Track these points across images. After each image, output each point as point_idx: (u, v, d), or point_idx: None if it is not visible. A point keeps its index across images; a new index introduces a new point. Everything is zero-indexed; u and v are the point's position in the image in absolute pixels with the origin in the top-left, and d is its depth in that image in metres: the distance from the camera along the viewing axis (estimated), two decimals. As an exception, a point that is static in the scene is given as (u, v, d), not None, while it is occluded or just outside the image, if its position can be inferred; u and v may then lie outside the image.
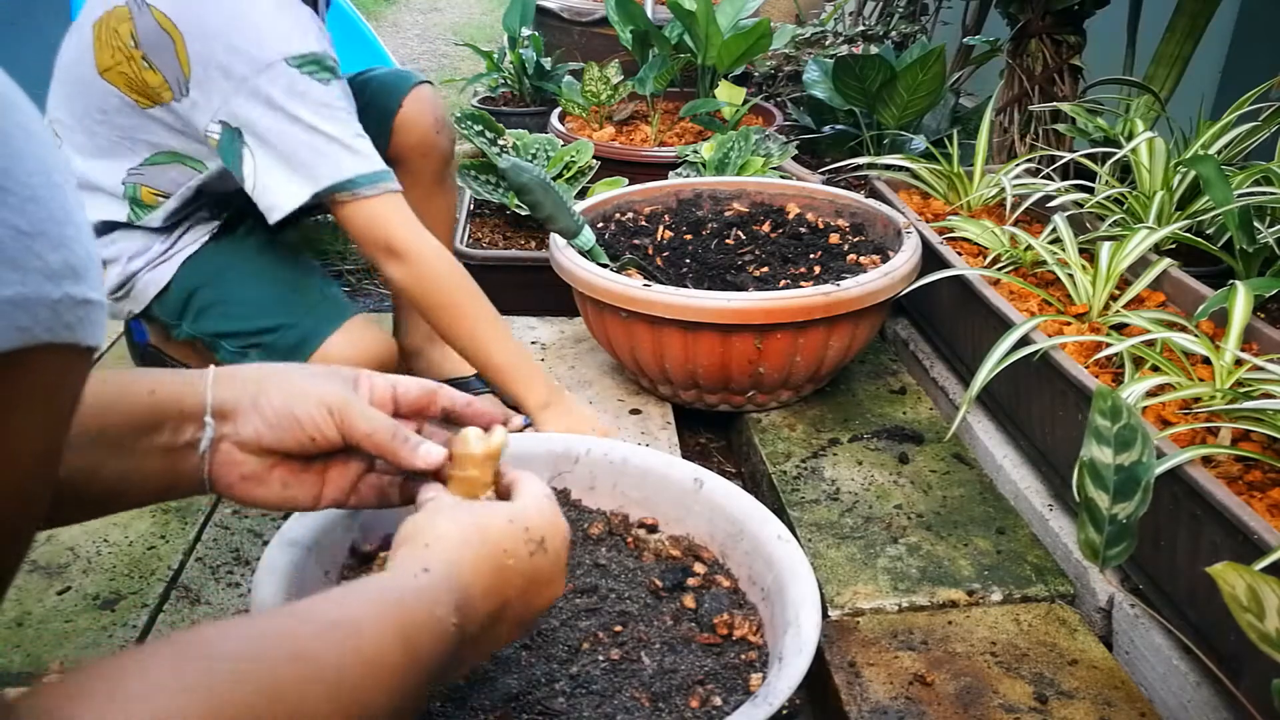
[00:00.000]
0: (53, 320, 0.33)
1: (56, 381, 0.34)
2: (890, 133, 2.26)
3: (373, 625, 0.50)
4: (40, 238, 0.32)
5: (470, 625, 0.58)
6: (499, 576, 0.61)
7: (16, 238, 0.31)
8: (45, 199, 0.33)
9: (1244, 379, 1.13)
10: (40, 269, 0.32)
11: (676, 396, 1.57)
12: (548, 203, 1.51)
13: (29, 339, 0.32)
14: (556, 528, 0.67)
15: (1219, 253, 1.47)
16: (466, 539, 0.61)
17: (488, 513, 0.65)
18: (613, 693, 0.86)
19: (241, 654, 0.42)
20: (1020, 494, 1.34)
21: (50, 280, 0.32)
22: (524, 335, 1.81)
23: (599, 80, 2.52)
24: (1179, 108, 1.95)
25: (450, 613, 0.55)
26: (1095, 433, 0.90)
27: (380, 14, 5.44)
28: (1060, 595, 1.18)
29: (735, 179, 1.90)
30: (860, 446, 1.48)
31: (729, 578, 1.04)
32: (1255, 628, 0.74)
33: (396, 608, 0.53)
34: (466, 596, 0.58)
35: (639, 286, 1.43)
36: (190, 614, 1.15)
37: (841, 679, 1.05)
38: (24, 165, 0.32)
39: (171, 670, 0.39)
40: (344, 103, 1.23)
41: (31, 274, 0.32)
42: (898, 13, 2.87)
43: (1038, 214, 1.76)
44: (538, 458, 1.16)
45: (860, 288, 1.43)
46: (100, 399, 0.64)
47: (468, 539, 0.61)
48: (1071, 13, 1.92)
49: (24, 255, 0.32)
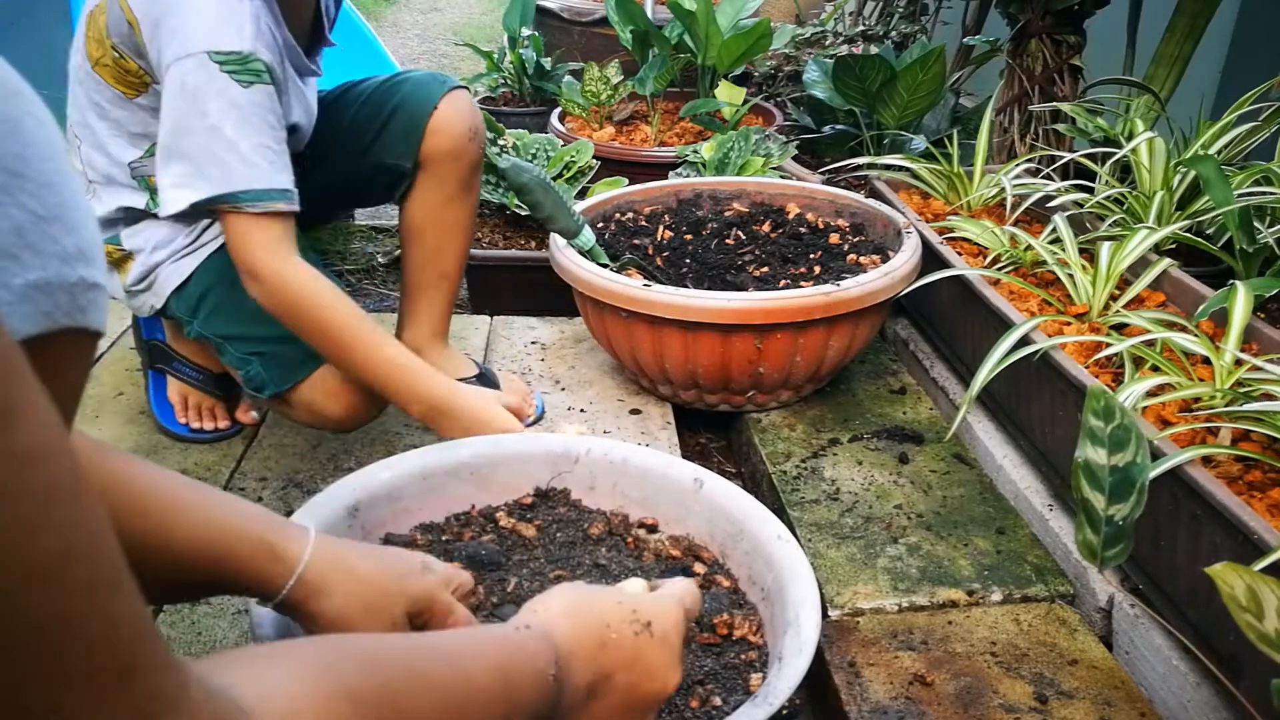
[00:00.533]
0: (70, 304, 0.33)
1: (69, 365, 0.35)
2: (890, 133, 2.26)
3: (475, 658, 0.53)
4: (56, 222, 0.33)
5: (569, 685, 0.59)
6: (599, 648, 0.62)
7: (35, 223, 0.32)
8: (58, 185, 0.33)
9: (1244, 379, 1.13)
10: (58, 253, 0.33)
11: (676, 396, 1.57)
12: (548, 203, 1.51)
13: (51, 324, 0.33)
14: (668, 616, 0.67)
15: (1219, 253, 1.47)
16: (570, 610, 0.64)
17: (599, 591, 0.67)
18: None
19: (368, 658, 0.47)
20: (1020, 494, 1.34)
21: (66, 264, 0.33)
22: (524, 335, 1.81)
23: (599, 80, 2.52)
24: (1179, 108, 1.95)
25: (549, 665, 0.58)
26: (1089, 433, 0.90)
27: (380, 14, 5.44)
28: (1060, 595, 1.18)
29: (735, 179, 1.90)
30: (860, 446, 1.48)
31: (729, 578, 1.04)
32: (1255, 628, 0.74)
33: (498, 646, 0.57)
34: (564, 656, 0.60)
35: (639, 286, 1.43)
36: (190, 612, 1.15)
37: (841, 679, 1.05)
38: (37, 152, 0.32)
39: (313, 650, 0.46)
40: (259, 111, 1.17)
41: (51, 259, 0.32)
42: (898, 13, 2.87)
43: (1038, 214, 1.76)
44: (536, 458, 1.16)
45: (860, 288, 1.43)
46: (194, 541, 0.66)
47: (572, 610, 0.64)
48: (1071, 13, 1.92)
49: (43, 240, 0.32)
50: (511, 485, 1.15)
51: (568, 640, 0.61)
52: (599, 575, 1.02)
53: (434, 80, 1.45)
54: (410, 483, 1.10)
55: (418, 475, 1.11)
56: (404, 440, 1.48)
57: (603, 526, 1.10)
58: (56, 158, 0.33)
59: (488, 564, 1.03)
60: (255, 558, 0.68)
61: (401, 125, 1.42)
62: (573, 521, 1.12)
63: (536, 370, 1.69)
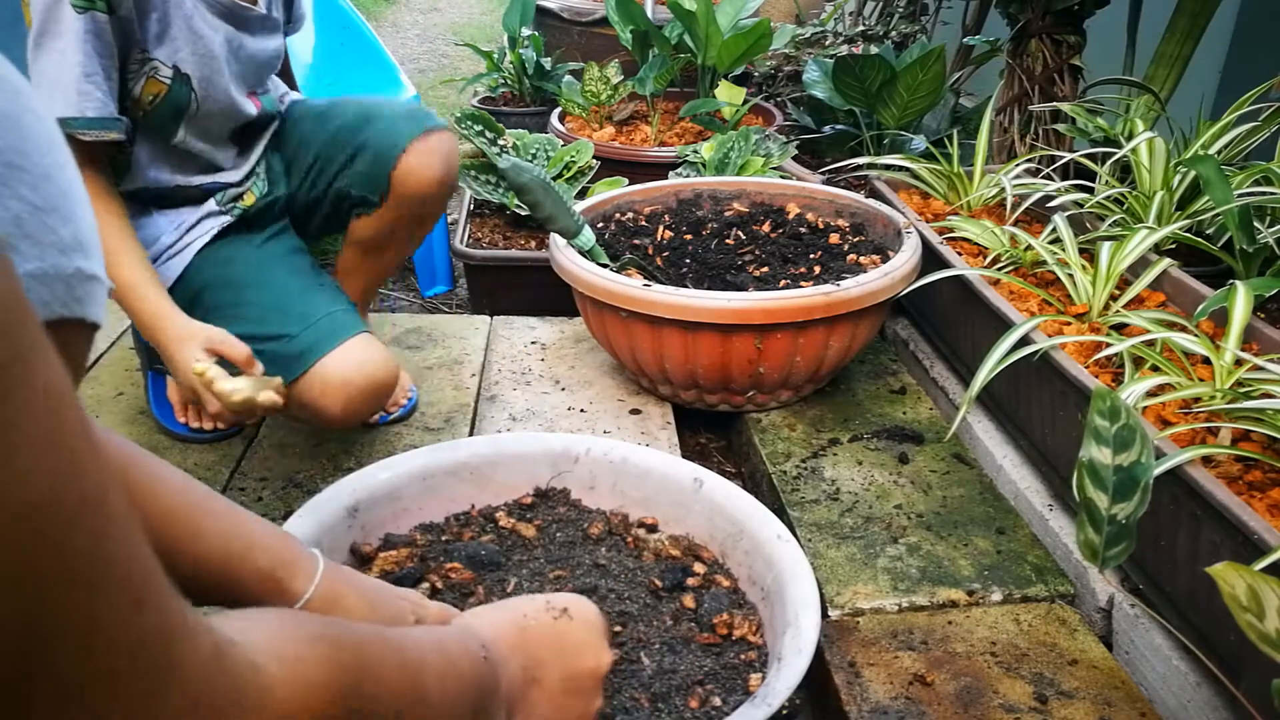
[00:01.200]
0: (67, 295, 0.34)
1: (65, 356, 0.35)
2: (890, 133, 2.26)
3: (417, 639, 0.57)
4: (54, 213, 0.33)
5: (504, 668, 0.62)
6: (520, 634, 0.66)
7: (34, 214, 0.32)
8: (55, 177, 0.34)
9: (1244, 379, 1.13)
10: (55, 243, 0.33)
11: (676, 396, 1.57)
12: (548, 203, 1.51)
13: (49, 314, 0.33)
14: (582, 602, 0.72)
15: (1219, 253, 1.47)
16: (487, 609, 0.70)
17: (518, 598, 0.73)
18: (612, 693, 0.86)
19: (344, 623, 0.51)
20: (1020, 494, 1.34)
21: (64, 254, 0.33)
22: (524, 335, 1.81)
23: (599, 80, 2.52)
24: (1179, 108, 1.95)
25: (479, 648, 0.61)
26: (1094, 433, 0.90)
27: (380, 14, 5.44)
28: (1060, 595, 1.18)
29: (735, 179, 1.90)
30: (860, 446, 1.47)
31: (729, 578, 1.04)
32: (1255, 628, 0.74)
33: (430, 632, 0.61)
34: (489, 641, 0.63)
35: (639, 286, 1.43)
36: (190, 614, 1.15)
37: (841, 679, 1.05)
38: (35, 145, 0.33)
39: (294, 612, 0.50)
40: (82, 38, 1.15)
41: (49, 249, 0.33)
42: (898, 13, 2.87)
43: (1038, 214, 1.76)
44: (536, 457, 1.16)
45: (860, 288, 1.43)
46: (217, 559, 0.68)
47: (489, 609, 0.70)
48: (1071, 13, 1.92)
49: (41, 230, 0.33)
50: (511, 485, 1.15)
51: (488, 629, 0.65)
52: (599, 575, 1.02)
53: (408, 120, 1.37)
54: (410, 483, 1.10)
55: (417, 475, 1.11)
56: (404, 440, 1.48)
57: (603, 526, 1.10)
58: (55, 152, 0.34)
59: (488, 564, 1.03)
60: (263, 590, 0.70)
61: (366, 165, 1.37)
62: (572, 521, 1.12)
63: (536, 370, 1.69)
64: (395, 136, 1.35)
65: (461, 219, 2.10)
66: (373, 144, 1.36)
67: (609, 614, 0.96)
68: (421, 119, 1.37)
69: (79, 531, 0.29)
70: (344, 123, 1.40)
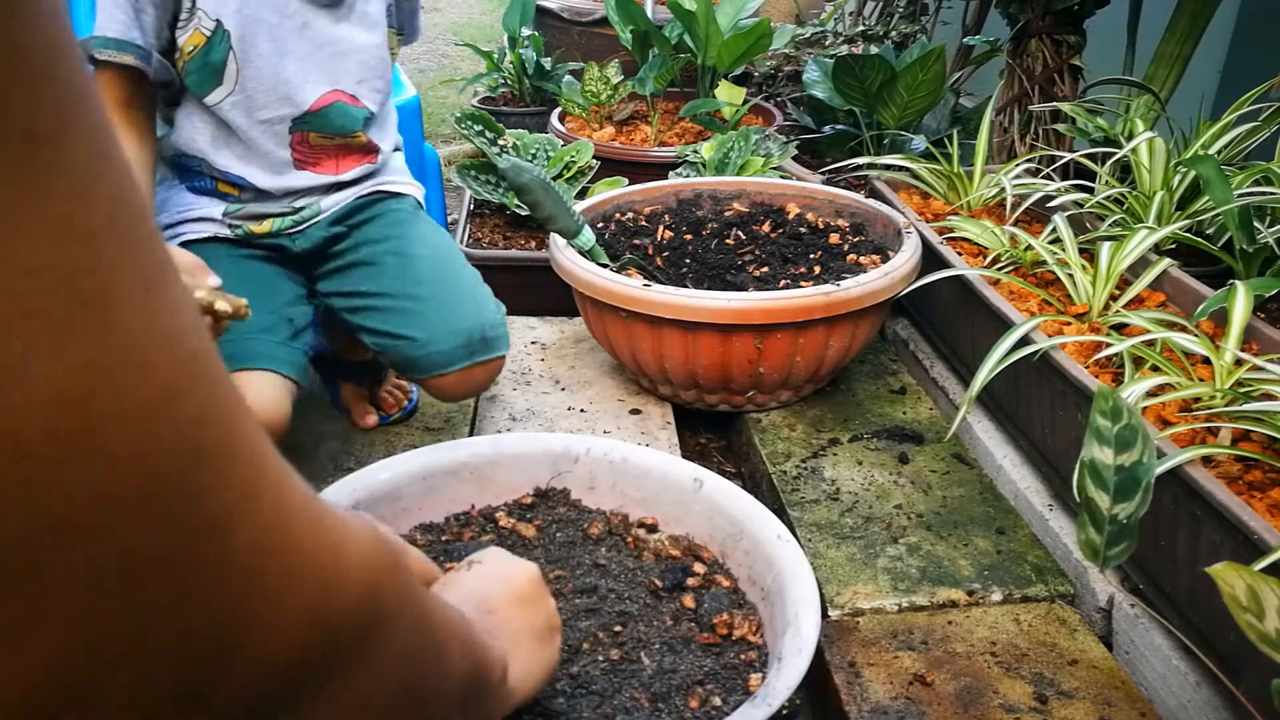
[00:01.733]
0: None
1: None
2: (890, 133, 2.26)
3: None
4: None
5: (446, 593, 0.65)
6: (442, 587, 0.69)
7: None
8: None
9: (1244, 379, 1.13)
10: None
11: (676, 396, 1.57)
12: (548, 203, 1.51)
13: None
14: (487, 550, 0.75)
15: (1219, 253, 1.47)
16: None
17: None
18: (612, 693, 0.86)
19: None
20: (1020, 494, 1.34)
21: None
22: (524, 335, 1.81)
23: (599, 80, 2.52)
24: (1179, 108, 1.95)
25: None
26: (1096, 433, 0.90)
27: (380, 14, 5.43)
28: (1060, 595, 1.18)
29: (735, 179, 1.90)
30: (860, 446, 1.47)
31: (729, 578, 1.04)
32: (1255, 628, 0.74)
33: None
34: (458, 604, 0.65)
35: (639, 286, 1.43)
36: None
37: (841, 679, 1.05)
38: None
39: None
40: None
41: None
42: (898, 13, 2.87)
43: (1038, 214, 1.76)
44: (536, 457, 1.16)
45: (860, 288, 1.43)
46: None
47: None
48: (1071, 13, 1.92)
49: None
50: (511, 485, 1.15)
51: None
52: (599, 575, 1.02)
53: (465, 350, 1.29)
54: (410, 483, 1.10)
55: (418, 475, 1.11)
56: (404, 440, 1.48)
57: (602, 526, 1.10)
58: None
59: (487, 564, 1.03)
60: None
61: (403, 362, 1.31)
62: (572, 521, 1.12)
63: (536, 370, 1.69)
64: (450, 359, 1.29)
65: (461, 219, 2.10)
66: (422, 359, 1.29)
67: (609, 614, 0.96)
68: (478, 350, 1.30)
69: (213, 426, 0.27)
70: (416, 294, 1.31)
